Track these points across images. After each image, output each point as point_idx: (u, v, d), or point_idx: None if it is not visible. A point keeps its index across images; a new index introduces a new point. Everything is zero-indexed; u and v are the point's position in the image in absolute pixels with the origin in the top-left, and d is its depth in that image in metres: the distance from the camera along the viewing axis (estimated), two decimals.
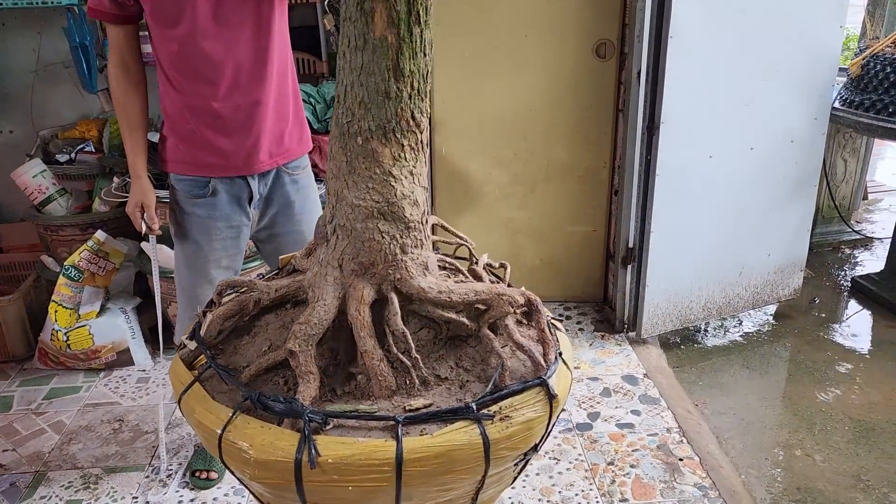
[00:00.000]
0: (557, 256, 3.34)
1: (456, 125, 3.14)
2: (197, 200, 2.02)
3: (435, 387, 1.21)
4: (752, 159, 2.93)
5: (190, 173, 2.00)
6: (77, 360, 2.89)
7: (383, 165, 1.19)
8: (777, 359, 3.08)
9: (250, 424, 1.11)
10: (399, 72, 1.14)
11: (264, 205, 2.11)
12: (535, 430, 1.14)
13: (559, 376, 1.23)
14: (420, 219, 1.25)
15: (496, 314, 1.24)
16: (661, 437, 2.45)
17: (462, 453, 1.07)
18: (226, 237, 2.07)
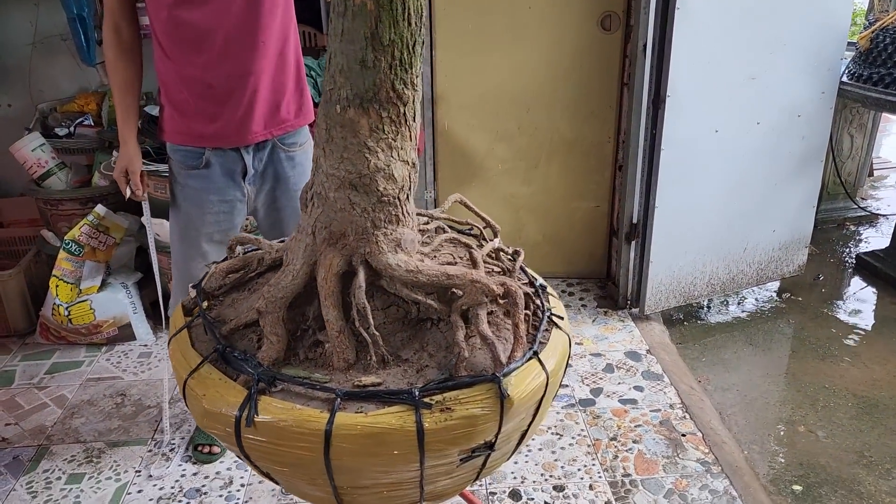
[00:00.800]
0: (560, 232, 3.32)
1: (458, 99, 3.10)
2: (191, 171, 2.02)
3: (393, 367, 1.19)
4: (758, 134, 2.90)
5: (184, 143, 2.00)
6: (78, 335, 2.89)
7: (359, 136, 1.16)
8: (780, 335, 3.07)
9: (211, 376, 1.16)
10: (378, 41, 1.10)
11: (259, 180, 2.09)
12: (479, 428, 1.10)
13: (525, 377, 1.15)
14: (396, 194, 1.21)
15: (468, 301, 1.18)
16: (664, 412, 2.44)
17: (393, 437, 1.06)
18: (218, 211, 2.06)
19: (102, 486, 2.18)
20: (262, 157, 2.05)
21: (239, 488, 2.15)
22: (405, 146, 1.20)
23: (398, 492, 1.18)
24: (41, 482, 2.20)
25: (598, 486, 2.12)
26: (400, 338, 1.23)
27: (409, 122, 1.18)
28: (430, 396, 1.08)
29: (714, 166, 2.86)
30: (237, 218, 2.11)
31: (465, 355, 1.14)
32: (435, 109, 3.11)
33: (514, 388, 1.11)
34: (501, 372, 1.11)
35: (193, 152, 2.00)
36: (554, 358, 1.21)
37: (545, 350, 1.22)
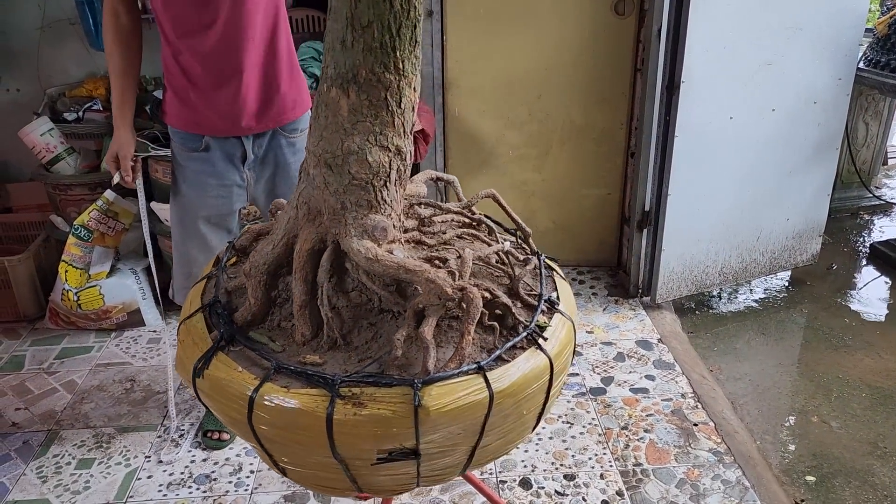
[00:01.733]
0: (571, 220, 3.29)
1: (469, 85, 3.07)
2: (191, 154, 2.02)
3: (340, 351, 1.18)
4: (773, 121, 2.86)
5: (183, 128, 2.00)
6: (88, 321, 2.89)
7: (339, 116, 1.15)
8: (793, 325, 3.04)
9: (197, 325, 1.24)
10: (357, 21, 1.08)
11: (259, 166, 2.08)
12: (391, 431, 1.07)
13: (454, 390, 1.09)
14: (369, 179, 1.18)
15: (423, 301, 1.15)
16: (676, 402, 2.42)
17: (304, 419, 1.07)
18: (217, 195, 2.06)
19: (112, 471, 2.18)
20: (262, 143, 2.05)
21: (248, 475, 2.15)
22: (386, 132, 1.17)
23: (327, 475, 1.18)
24: (51, 467, 2.20)
25: (609, 476, 2.11)
26: (359, 324, 1.22)
27: (393, 107, 1.15)
28: (350, 388, 1.08)
29: (728, 153, 2.82)
30: (235, 202, 2.11)
31: (397, 354, 1.12)
32: (445, 95, 3.08)
33: (433, 399, 1.06)
34: (421, 379, 1.07)
35: (193, 136, 2.01)
36: (513, 378, 1.12)
37: (506, 367, 1.13)
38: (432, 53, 2.99)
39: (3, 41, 3.35)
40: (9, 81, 3.44)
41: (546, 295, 1.28)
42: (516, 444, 1.31)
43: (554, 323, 1.24)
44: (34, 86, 3.41)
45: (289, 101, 2.02)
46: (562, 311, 1.26)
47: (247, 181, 2.09)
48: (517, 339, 1.18)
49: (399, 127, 1.17)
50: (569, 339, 1.24)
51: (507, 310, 1.21)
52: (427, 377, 1.07)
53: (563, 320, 1.25)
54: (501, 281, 1.30)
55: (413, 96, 1.17)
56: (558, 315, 1.25)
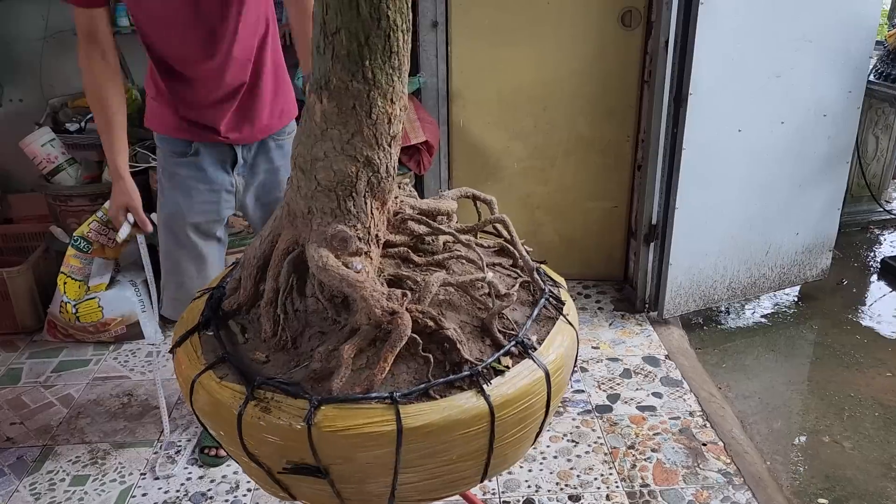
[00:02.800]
0: (577, 233, 3.25)
1: (474, 96, 3.04)
2: (181, 160, 1.98)
3: (286, 353, 1.19)
4: (782, 134, 2.81)
5: (171, 134, 1.97)
6: (86, 333, 2.85)
7: (313, 121, 1.16)
8: (803, 342, 2.98)
9: (198, 305, 1.35)
10: (327, 27, 1.08)
11: (249, 172, 2.05)
12: (288, 442, 1.08)
13: (353, 417, 1.07)
14: (333, 187, 1.17)
15: (357, 319, 1.14)
16: (684, 420, 2.36)
17: (221, 411, 1.13)
18: (205, 200, 2.02)
19: (107, 488, 2.14)
20: (251, 147, 2.02)
21: (245, 493, 2.10)
22: (354, 141, 1.14)
23: (259, 473, 1.19)
24: (45, 483, 2.16)
25: (616, 497, 2.05)
26: (310, 330, 1.22)
27: (362, 116, 1.12)
28: (266, 391, 1.10)
29: (736, 167, 2.78)
30: (224, 209, 2.07)
31: (314, 366, 1.11)
32: (450, 106, 3.05)
33: (327, 419, 1.05)
34: (319, 397, 1.06)
35: (182, 141, 1.97)
36: (430, 418, 1.07)
37: (429, 405, 1.09)
38: (437, 65, 2.96)
39: (6, 51, 3.34)
40: (11, 91, 3.42)
41: (523, 337, 1.20)
42: (459, 488, 1.24)
43: (519, 369, 1.15)
44: (37, 96, 3.39)
45: (275, 112, 2.01)
46: (534, 358, 1.17)
47: (236, 187, 2.06)
48: (454, 377, 1.12)
49: (370, 138, 1.15)
50: (533, 391, 1.15)
51: (453, 345, 1.15)
52: (326, 397, 1.07)
53: (533, 368, 1.16)
54: (480, 313, 1.24)
55: (391, 108, 1.14)
56: (529, 361, 1.17)
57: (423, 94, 3.01)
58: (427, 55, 2.94)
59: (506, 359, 1.17)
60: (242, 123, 1.96)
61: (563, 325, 1.27)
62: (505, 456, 1.21)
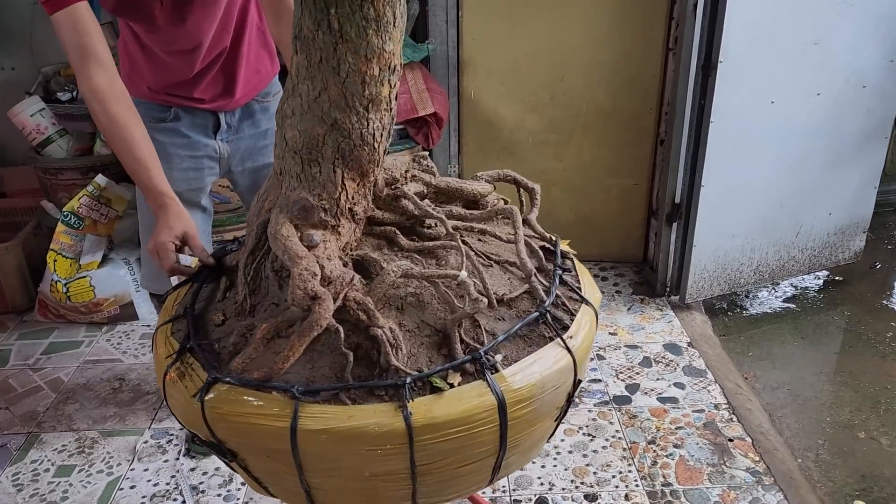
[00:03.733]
0: (594, 212, 3.07)
1: (486, 65, 2.85)
2: (159, 125, 1.83)
3: (241, 319, 1.14)
4: (818, 106, 2.61)
5: (148, 98, 1.82)
6: (78, 314, 2.72)
7: (290, 73, 1.10)
8: (834, 328, 2.81)
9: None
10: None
11: (234, 135, 1.92)
12: (187, 413, 1.05)
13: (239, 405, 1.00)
14: (298, 150, 1.08)
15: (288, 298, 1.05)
16: (709, 413, 2.21)
17: (159, 367, 1.13)
18: (187, 168, 1.88)
19: (93, 479, 2.02)
20: (235, 111, 1.90)
21: (239, 486, 1.97)
22: (322, 101, 1.04)
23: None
24: (28, 474, 2.04)
25: (635, 497, 1.90)
26: (270, 299, 1.14)
27: (326, 72, 1.02)
28: (192, 355, 1.08)
29: (768, 141, 2.59)
30: (207, 177, 1.93)
31: (233, 341, 1.08)
32: (461, 76, 2.87)
33: (216, 398, 1.00)
34: (215, 375, 1.01)
35: (160, 106, 1.83)
36: (333, 424, 0.96)
37: (335, 410, 0.97)
38: (447, 31, 2.78)
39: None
40: (3, 59, 3.27)
41: (485, 356, 1.02)
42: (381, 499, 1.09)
43: (466, 391, 0.99)
44: (28, 64, 3.24)
45: (258, 73, 1.89)
46: (490, 381, 1.00)
47: (220, 153, 1.92)
48: (374, 383, 0.99)
49: (338, 98, 1.02)
50: (474, 419, 0.98)
51: (381, 346, 1.01)
52: (220, 376, 1.01)
53: (483, 392, 0.99)
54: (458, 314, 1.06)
55: (365, 67, 1.00)
56: (482, 384, 1.00)
57: (432, 63, 2.83)
58: (436, 20, 2.76)
59: (455, 375, 1.01)
60: (224, 90, 1.84)
61: (555, 351, 1.07)
62: (429, 491, 1.06)
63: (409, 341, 1.05)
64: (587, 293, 1.20)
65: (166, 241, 1.41)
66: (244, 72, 1.86)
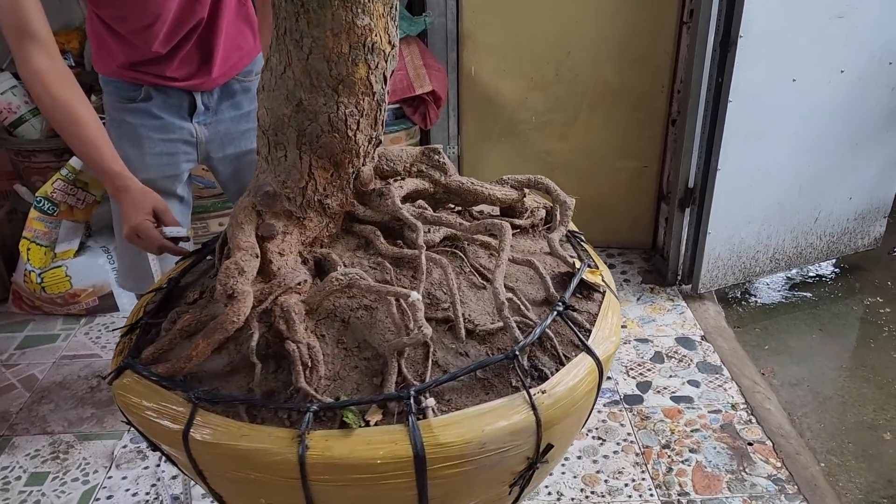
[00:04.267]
0: (601, 195, 2.91)
1: (487, 39, 2.67)
2: (129, 106, 1.67)
3: (204, 302, 1.09)
4: (841, 84, 2.45)
5: (118, 77, 1.65)
6: (54, 305, 2.56)
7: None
8: (853, 319, 2.67)
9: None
10: None
11: (212, 117, 1.75)
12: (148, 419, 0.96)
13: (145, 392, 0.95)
14: (266, 129, 0.98)
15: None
16: (726, 414, 2.07)
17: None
18: (161, 152, 1.71)
19: (68, 488, 1.87)
20: (213, 91, 1.72)
21: None
22: (286, 78, 0.93)
23: None
24: None
25: None
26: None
27: (292, 48, 0.91)
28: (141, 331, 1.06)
29: (788, 122, 2.42)
30: (183, 163, 1.77)
31: (165, 326, 1.04)
32: (460, 51, 2.69)
33: (125, 388, 0.96)
34: (125, 360, 0.98)
35: (131, 84, 1.66)
36: (215, 438, 0.87)
37: (233, 427, 0.87)
38: (445, 2, 2.60)
39: None
40: None
41: (414, 397, 0.86)
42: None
43: (379, 433, 0.85)
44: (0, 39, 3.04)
45: (239, 49, 1.71)
46: (412, 425, 0.85)
47: (197, 136, 1.76)
48: (279, 405, 0.88)
49: (302, 77, 0.90)
50: (380, 468, 0.83)
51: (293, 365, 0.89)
52: (130, 363, 0.97)
53: (401, 438, 0.84)
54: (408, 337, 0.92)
55: (332, 44, 0.87)
56: (403, 428, 0.85)
57: (429, 37, 2.66)
58: None
59: (376, 412, 0.86)
60: (200, 67, 1.66)
61: (514, 405, 0.89)
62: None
63: (342, 361, 0.91)
64: (595, 341, 1.01)
65: (143, 221, 1.35)
66: (223, 47, 1.68)
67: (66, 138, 1.40)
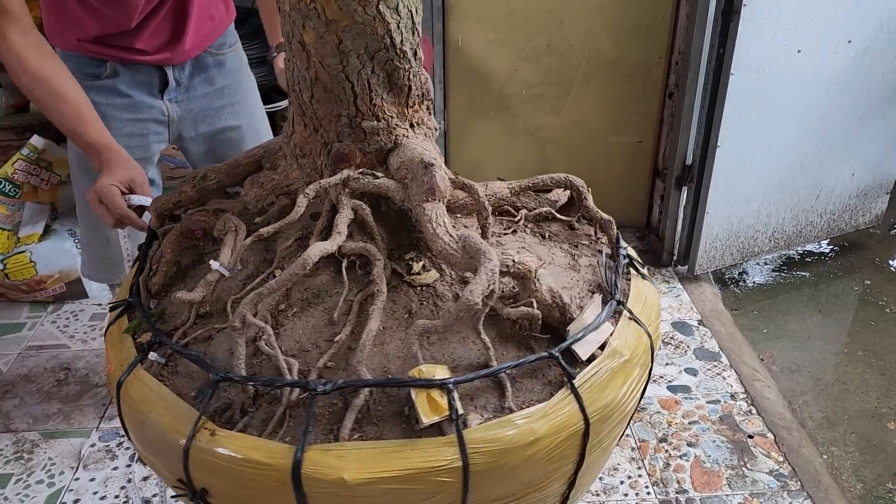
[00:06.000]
0: (594, 172, 2.79)
1: (475, 8, 2.52)
2: (93, 83, 1.53)
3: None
4: (848, 54, 2.33)
5: (79, 51, 1.52)
6: (19, 292, 2.43)
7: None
8: (854, 300, 2.58)
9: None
10: None
11: (184, 94, 1.63)
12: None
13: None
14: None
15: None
16: (725, 405, 1.99)
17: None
18: (129, 133, 1.58)
19: (31, 492, 1.77)
20: (185, 65, 1.60)
21: None
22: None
23: None
24: None
25: None
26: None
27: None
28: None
29: (792, 95, 2.31)
30: (154, 143, 1.65)
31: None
32: (446, 20, 2.54)
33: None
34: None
35: (94, 59, 1.53)
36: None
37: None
38: None
39: None
40: None
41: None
42: None
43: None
44: None
45: (212, 19, 1.59)
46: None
47: (168, 114, 1.63)
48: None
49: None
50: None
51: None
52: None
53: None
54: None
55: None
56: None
57: None
58: None
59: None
60: (170, 39, 1.54)
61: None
62: None
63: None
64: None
65: (109, 186, 1.25)
66: (195, 17, 1.55)
67: (49, 115, 1.34)
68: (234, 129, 1.72)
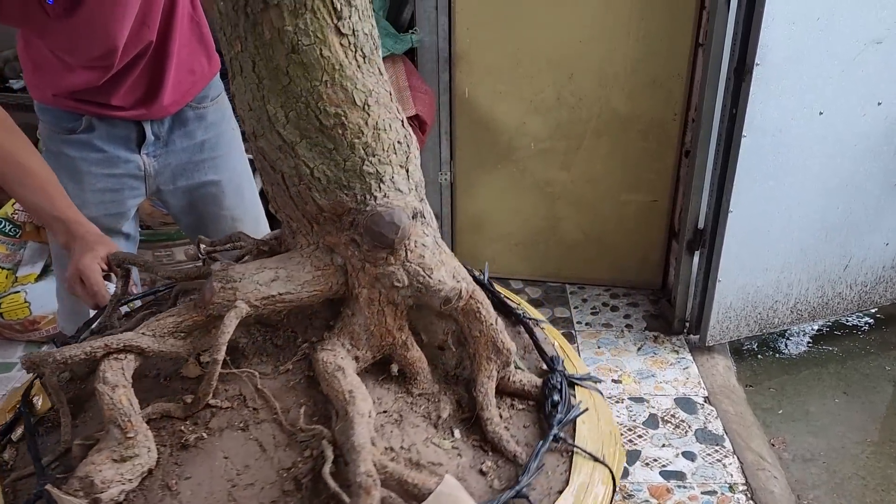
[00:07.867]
0: (606, 231, 2.67)
1: (484, 60, 2.46)
2: (68, 137, 1.51)
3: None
4: (877, 117, 2.17)
5: (55, 105, 1.50)
6: (13, 331, 2.44)
7: None
8: (885, 382, 2.37)
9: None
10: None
11: (163, 148, 1.58)
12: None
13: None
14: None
15: None
16: (721, 496, 1.81)
17: None
18: (103, 189, 1.55)
19: None
20: (163, 120, 1.56)
21: None
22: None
23: None
24: None
25: None
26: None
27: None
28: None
29: (813, 160, 2.15)
30: (129, 199, 1.60)
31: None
32: (453, 71, 2.48)
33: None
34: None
35: (70, 113, 1.50)
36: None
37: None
38: (437, 17, 2.39)
39: None
40: None
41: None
42: None
43: None
44: None
45: (193, 74, 1.55)
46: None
47: (145, 169, 1.58)
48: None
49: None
50: None
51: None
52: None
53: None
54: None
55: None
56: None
57: (419, 56, 2.45)
58: (424, 5, 2.37)
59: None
60: (147, 94, 1.50)
61: None
62: None
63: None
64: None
65: (91, 264, 1.20)
66: (174, 72, 1.51)
67: (12, 190, 1.27)
68: (215, 183, 1.67)
